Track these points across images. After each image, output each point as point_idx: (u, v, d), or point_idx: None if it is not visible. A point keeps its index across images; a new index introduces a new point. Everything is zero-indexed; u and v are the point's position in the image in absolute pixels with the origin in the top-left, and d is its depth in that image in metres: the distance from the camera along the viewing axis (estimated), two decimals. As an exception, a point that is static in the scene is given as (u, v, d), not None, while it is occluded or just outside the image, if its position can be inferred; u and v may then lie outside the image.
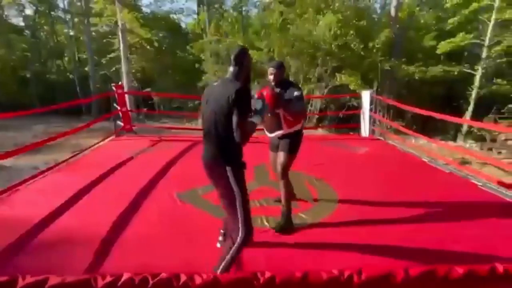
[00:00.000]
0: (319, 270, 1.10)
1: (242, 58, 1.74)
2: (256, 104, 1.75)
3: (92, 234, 2.29)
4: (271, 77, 2.45)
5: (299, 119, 2.49)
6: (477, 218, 2.66)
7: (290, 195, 2.50)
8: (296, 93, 2.35)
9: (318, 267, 1.93)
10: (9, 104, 18.35)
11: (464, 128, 10.53)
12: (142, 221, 2.55)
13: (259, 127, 1.94)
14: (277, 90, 2.39)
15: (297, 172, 3.39)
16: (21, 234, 2.24)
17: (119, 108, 5.76)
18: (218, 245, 2.16)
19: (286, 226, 2.38)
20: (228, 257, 1.66)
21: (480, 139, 9.33)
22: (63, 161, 4.11)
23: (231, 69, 1.76)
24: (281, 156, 2.49)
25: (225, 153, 1.71)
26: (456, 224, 2.56)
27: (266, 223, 2.50)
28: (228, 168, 1.69)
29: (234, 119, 1.60)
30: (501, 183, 3.50)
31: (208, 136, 1.74)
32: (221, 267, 1.65)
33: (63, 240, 2.24)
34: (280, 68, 2.46)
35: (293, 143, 2.50)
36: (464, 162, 6.63)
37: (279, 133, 2.51)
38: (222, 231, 2.18)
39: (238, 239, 1.67)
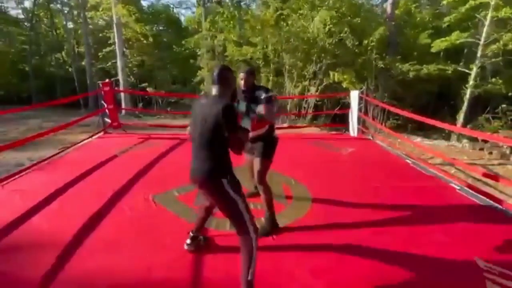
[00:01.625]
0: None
1: (224, 76, 1.78)
2: (239, 107, 1.76)
3: (60, 237, 2.33)
4: (241, 82, 2.47)
5: (265, 123, 2.48)
6: (446, 222, 2.69)
7: (271, 199, 2.52)
8: (263, 95, 2.36)
9: (283, 268, 2.00)
10: (8, 97, 18.43)
11: (458, 127, 10.48)
12: (113, 223, 2.58)
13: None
14: (242, 106, 2.45)
15: (276, 172, 3.43)
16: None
17: (106, 105, 5.77)
18: (186, 247, 2.21)
19: (271, 230, 2.46)
20: (252, 262, 1.72)
21: (473, 138, 9.29)
22: (45, 159, 4.14)
23: (214, 88, 1.78)
24: (256, 163, 2.49)
25: (219, 168, 1.76)
26: (424, 228, 2.59)
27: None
28: (224, 181, 1.74)
29: (228, 135, 1.68)
30: (470, 186, 3.57)
31: (199, 153, 1.79)
32: (249, 272, 1.71)
33: (31, 242, 2.28)
34: (251, 74, 2.48)
35: (266, 147, 2.50)
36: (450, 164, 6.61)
37: None
38: (191, 234, 2.22)
39: (253, 242, 1.74)
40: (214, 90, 1.79)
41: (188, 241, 2.22)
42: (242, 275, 1.72)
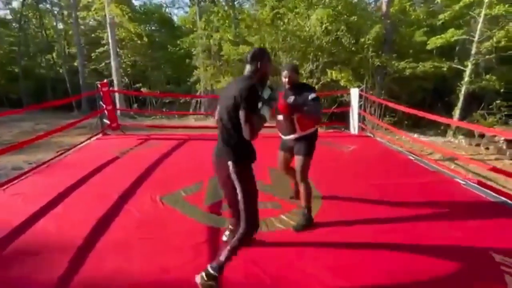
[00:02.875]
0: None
1: (258, 58, 1.74)
2: (264, 93, 1.70)
3: (69, 240, 2.26)
4: (285, 80, 2.44)
5: (314, 122, 2.49)
6: (456, 218, 2.70)
7: (310, 195, 2.53)
8: (311, 96, 2.33)
9: (300, 266, 1.97)
10: (-3, 99, 18.01)
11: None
12: (122, 225, 2.52)
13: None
14: (291, 99, 2.39)
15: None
16: (-5, 241, 2.20)
17: (104, 106, 5.66)
18: (224, 238, 2.23)
19: (307, 225, 2.48)
20: (225, 251, 1.70)
21: (470, 134, 9.43)
22: (45, 162, 4.04)
23: (246, 67, 1.78)
24: (298, 160, 2.50)
25: (230, 149, 1.71)
26: (435, 223, 2.59)
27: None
28: (231, 164, 1.69)
29: (241, 114, 1.60)
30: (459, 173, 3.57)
31: (219, 132, 1.79)
32: (219, 258, 1.70)
33: (39, 246, 2.21)
34: (294, 71, 2.44)
35: (309, 145, 2.50)
36: (452, 159, 6.70)
37: (293, 136, 2.51)
38: (230, 227, 2.20)
39: (238, 234, 1.72)
40: (245, 69, 1.78)
41: (227, 232, 2.24)
42: (218, 256, 1.73)
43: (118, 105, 12.85)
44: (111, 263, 2.02)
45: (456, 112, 10.74)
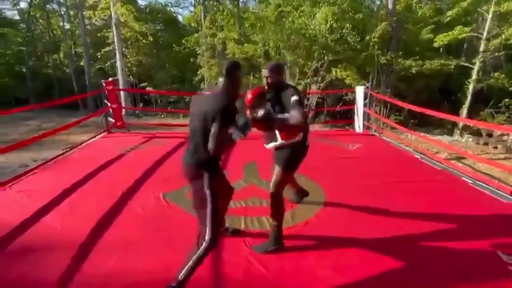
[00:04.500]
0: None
1: (234, 71, 1.77)
2: (240, 119, 1.66)
3: (72, 237, 2.28)
4: (264, 81, 2.11)
5: (297, 129, 2.06)
6: (463, 217, 2.65)
7: (281, 215, 2.16)
8: (293, 99, 1.92)
9: (304, 266, 1.96)
10: (6, 100, 18.29)
11: (461, 123, 10.48)
12: (126, 222, 2.53)
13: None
14: (260, 112, 1.95)
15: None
16: (0, 237, 2.22)
17: (109, 104, 5.69)
18: None
19: (273, 247, 2.13)
20: (190, 263, 1.67)
21: (477, 133, 9.29)
22: (51, 160, 4.08)
23: (221, 80, 1.78)
24: (275, 172, 2.17)
25: (202, 159, 1.73)
26: (442, 223, 2.55)
27: (250, 225, 2.49)
28: (204, 174, 1.72)
29: (213, 128, 1.62)
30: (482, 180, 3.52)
31: (191, 141, 1.80)
32: (182, 272, 1.66)
33: (43, 242, 2.23)
34: (274, 71, 2.07)
35: (290, 156, 2.12)
36: (459, 158, 6.60)
37: (273, 144, 2.14)
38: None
39: (204, 245, 1.68)
40: (220, 82, 1.79)
41: None
42: (178, 272, 1.67)
43: (123, 104, 12.94)
44: (114, 260, 2.03)
45: (464, 111, 10.58)
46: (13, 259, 2.04)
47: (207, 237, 1.68)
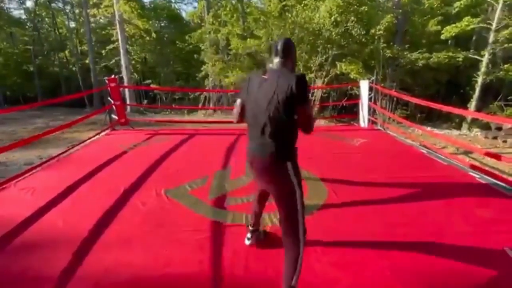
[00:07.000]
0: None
1: (290, 47, 1.64)
2: None
3: (76, 233, 2.28)
4: None
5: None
6: (470, 212, 2.59)
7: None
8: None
9: (303, 262, 1.92)
10: (14, 98, 18.58)
11: (469, 116, 10.27)
12: (127, 219, 2.53)
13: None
14: None
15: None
16: (2, 234, 2.24)
17: (112, 101, 5.71)
18: (247, 242, 2.13)
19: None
20: (298, 267, 1.53)
21: (486, 127, 9.09)
22: (54, 157, 4.11)
23: (277, 60, 1.63)
24: None
25: (285, 149, 1.58)
26: (448, 218, 2.49)
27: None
28: (289, 165, 1.56)
29: (301, 109, 1.49)
30: (490, 174, 3.45)
31: (262, 132, 1.57)
32: (293, 279, 1.52)
33: (46, 239, 2.24)
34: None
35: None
36: (466, 152, 6.47)
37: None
38: (250, 228, 2.14)
39: (301, 245, 1.54)
40: (276, 62, 1.63)
41: (249, 235, 2.13)
42: (285, 280, 1.53)
43: (128, 102, 13.00)
44: (115, 256, 2.03)
45: (472, 104, 10.37)
46: (15, 255, 2.06)
47: (300, 234, 1.54)
